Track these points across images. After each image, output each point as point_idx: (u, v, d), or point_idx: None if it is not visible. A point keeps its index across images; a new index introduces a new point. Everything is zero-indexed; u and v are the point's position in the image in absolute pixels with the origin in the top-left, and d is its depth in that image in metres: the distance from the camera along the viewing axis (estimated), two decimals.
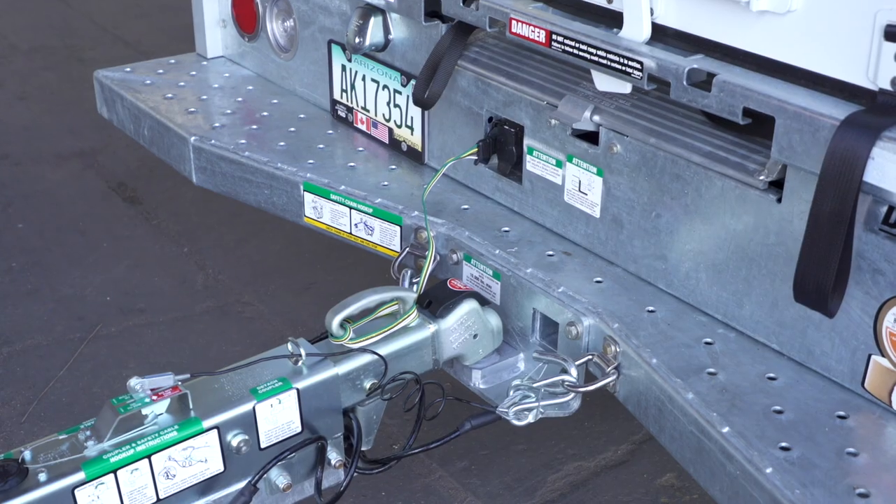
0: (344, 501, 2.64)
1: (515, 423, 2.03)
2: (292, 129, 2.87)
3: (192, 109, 2.97)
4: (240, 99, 3.07)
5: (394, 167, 2.67)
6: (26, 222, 4.43)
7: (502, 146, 2.40)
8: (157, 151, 3.01)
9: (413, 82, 2.53)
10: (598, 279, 2.17)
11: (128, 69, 3.24)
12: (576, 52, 2.04)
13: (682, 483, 3.01)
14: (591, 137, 2.18)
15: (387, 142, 2.74)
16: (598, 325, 2.03)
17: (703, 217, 1.99)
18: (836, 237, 1.64)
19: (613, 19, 2.04)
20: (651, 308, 2.08)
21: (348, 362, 2.00)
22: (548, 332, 2.17)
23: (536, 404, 2.02)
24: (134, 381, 1.81)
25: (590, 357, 2.03)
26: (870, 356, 1.77)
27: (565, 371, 2.01)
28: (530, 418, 2.04)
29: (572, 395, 2.02)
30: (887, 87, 1.63)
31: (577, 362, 2.02)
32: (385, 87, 2.68)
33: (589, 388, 2.00)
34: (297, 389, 1.93)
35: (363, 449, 2.08)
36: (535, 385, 2.04)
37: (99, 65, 3.32)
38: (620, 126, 2.10)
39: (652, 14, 1.97)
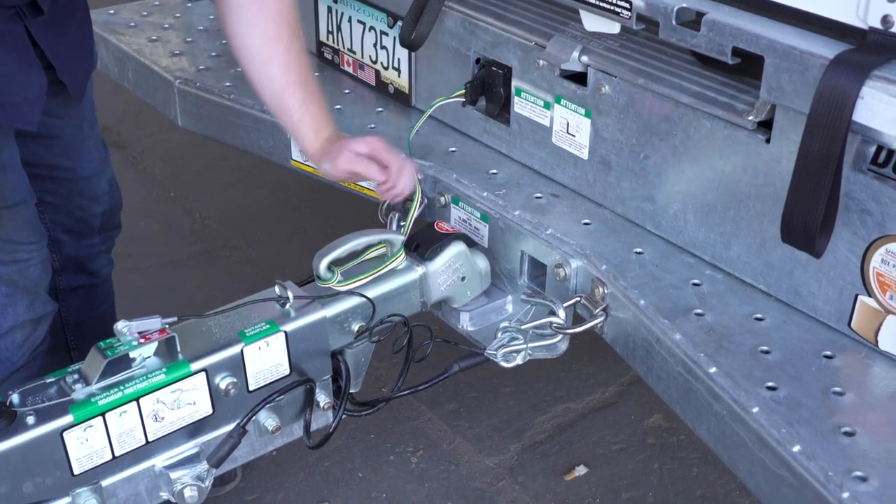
0: (332, 443, 2.66)
1: (504, 365, 2.04)
2: None
3: (178, 52, 2.94)
4: (225, 41, 3.02)
5: (381, 110, 2.65)
6: None
7: (490, 88, 2.39)
8: (142, 95, 2.99)
9: (400, 23, 2.51)
10: (586, 221, 2.17)
11: (111, 11, 3.20)
12: None
13: (670, 424, 3.04)
14: (579, 78, 2.17)
15: (373, 84, 2.72)
16: (586, 266, 2.03)
17: (691, 158, 1.99)
18: (824, 177, 1.63)
19: None
20: (639, 250, 2.08)
21: (336, 305, 2.00)
22: (536, 275, 2.17)
23: (524, 346, 2.03)
24: (121, 325, 1.80)
25: (577, 299, 2.03)
26: (857, 296, 1.77)
27: (553, 313, 2.02)
28: (518, 360, 2.05)
29: (560, 336, 2.02)
30: (877, 25, 1.61)
31: (565, 304, 2.02)
32: (371, 28, 2.65)
33: (577, 329, 2.01)
34: (285, 332, 1.93)
35: (352, 391, 2.09)
36: (523, 327, 2.05)
37: None
38: (609, 66, 2.09)
39: None
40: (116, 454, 1.80)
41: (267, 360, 1.92)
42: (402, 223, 2.28)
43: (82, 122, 2.38)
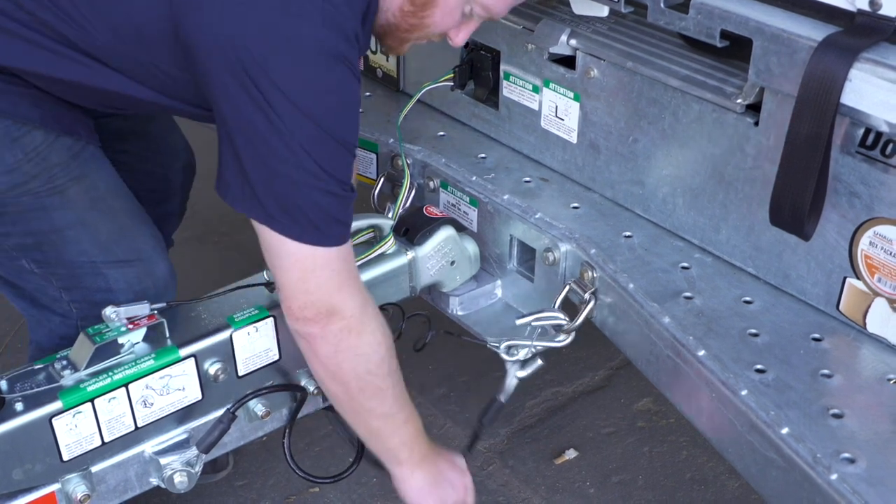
0: (322, 429, 2.67)
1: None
2: None
3: None
4: None
5: (369, 94, 2.65)
6: None
7: (479, 72, 2.38)
8: None
9: None
10: (575, 205, 2.17)
11: None
12: None
13: (659, 407, 3.04)
14: (567, 62, 2.16)
15: (362, 68, 2.70)
16: (575, 250, 2.03)
17: (680, 142, 1.99)
18: (812, 160, 1.63)
19: None
20: (628, 233, 2.08)
21: None
22: (525, 259, 2.17)
23: (530, 343, 2.04)
24: (110, 310, 1.80)
25: (568, 287, 2.03)
26: (845, 279, 1.78)
27: (558, 328, 2.01)
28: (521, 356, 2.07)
29: (565, 336, 2.03)
30: (865, 7, 1.61)
31: (559, 298, 2.02)
32: None
33: (576, 322, 2.00)
34: (274, 317, 1.93)
35: None
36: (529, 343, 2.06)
37: None
38: (597, 50, 2.08)
39: None
40: (106, 440, 1.80)
41: (256, 345, 1.92)
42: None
43: None
